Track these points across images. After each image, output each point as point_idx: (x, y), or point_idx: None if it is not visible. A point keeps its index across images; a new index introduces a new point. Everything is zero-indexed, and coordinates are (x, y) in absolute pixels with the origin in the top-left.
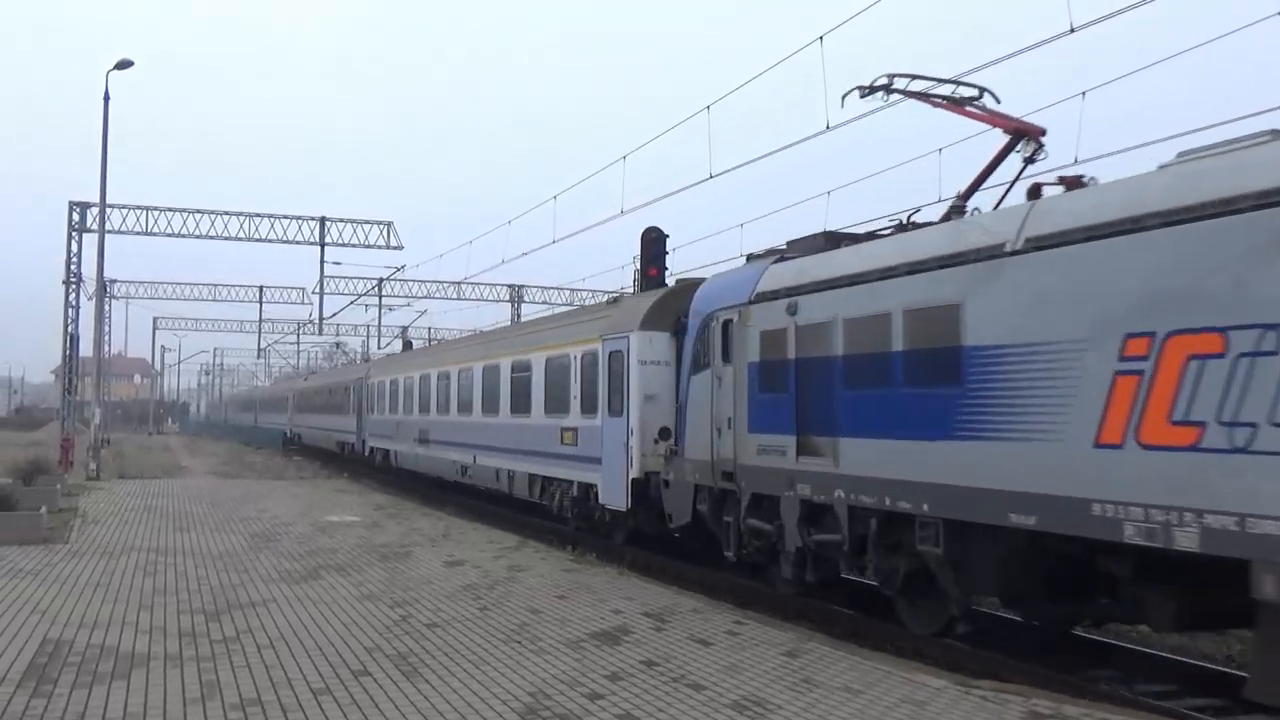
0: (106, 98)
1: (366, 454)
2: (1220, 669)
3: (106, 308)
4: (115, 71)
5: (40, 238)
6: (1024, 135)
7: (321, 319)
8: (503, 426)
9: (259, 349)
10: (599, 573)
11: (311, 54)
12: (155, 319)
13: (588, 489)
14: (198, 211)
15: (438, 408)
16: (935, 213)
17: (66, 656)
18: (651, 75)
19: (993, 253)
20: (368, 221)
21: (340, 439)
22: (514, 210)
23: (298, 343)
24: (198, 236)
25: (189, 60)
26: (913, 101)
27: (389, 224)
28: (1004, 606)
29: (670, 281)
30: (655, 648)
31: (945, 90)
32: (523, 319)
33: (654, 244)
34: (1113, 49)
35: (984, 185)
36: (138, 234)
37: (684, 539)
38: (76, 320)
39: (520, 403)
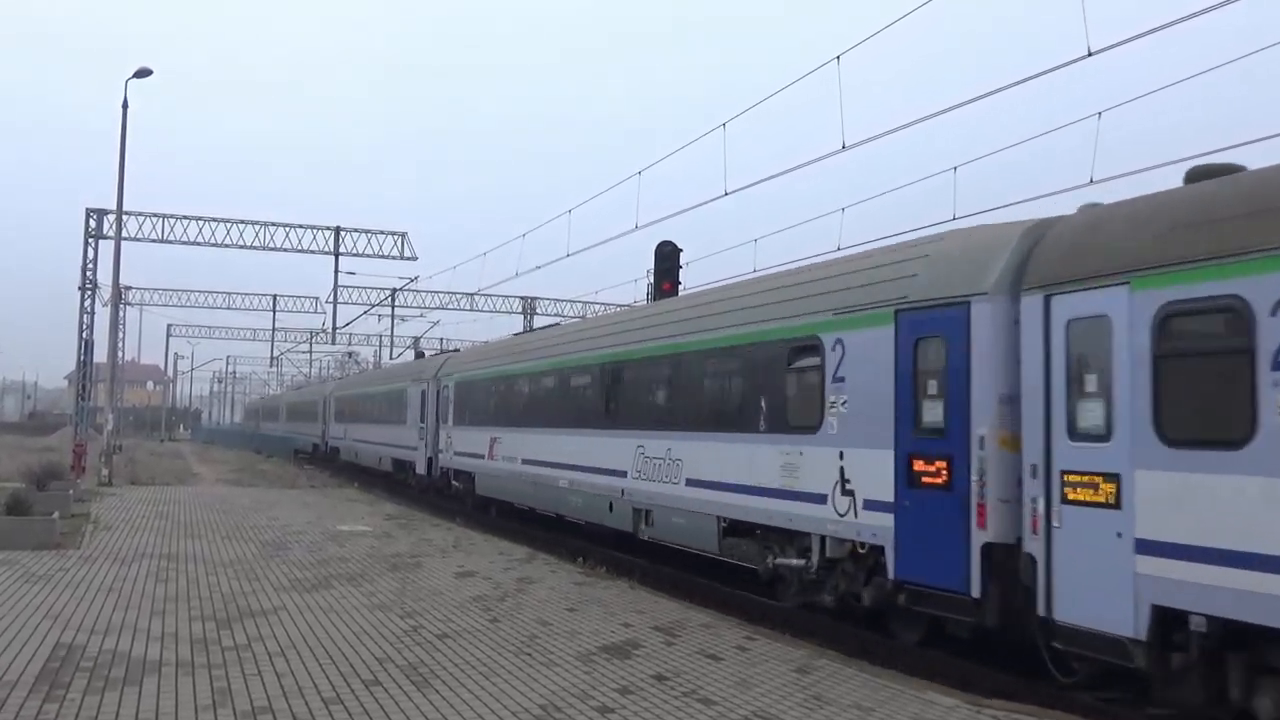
0: (125, 106)
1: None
2: None
3: (121, 314)
4: (134, 80)
5: (56, 244)
6: None
7: (335, 328)
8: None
9: (271, 357)
10: (609, 586)
11: (328, 67)
12: (169, 326)
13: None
14: (213, 220)
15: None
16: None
17: (79, 662)
18: (670, 90)
19: None
20: (382, 232)
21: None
22: (527, 224)
23: (310, 351)
24: (213, 244)
25: (208, 71)
26: (928, 120)
27: (403, 235)
28: None
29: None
30: (665, 662)
31: None
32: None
33: (668, 258)
34: (1129, 73)
35: None
36: (153, 241)
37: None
38: (91, 326)
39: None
